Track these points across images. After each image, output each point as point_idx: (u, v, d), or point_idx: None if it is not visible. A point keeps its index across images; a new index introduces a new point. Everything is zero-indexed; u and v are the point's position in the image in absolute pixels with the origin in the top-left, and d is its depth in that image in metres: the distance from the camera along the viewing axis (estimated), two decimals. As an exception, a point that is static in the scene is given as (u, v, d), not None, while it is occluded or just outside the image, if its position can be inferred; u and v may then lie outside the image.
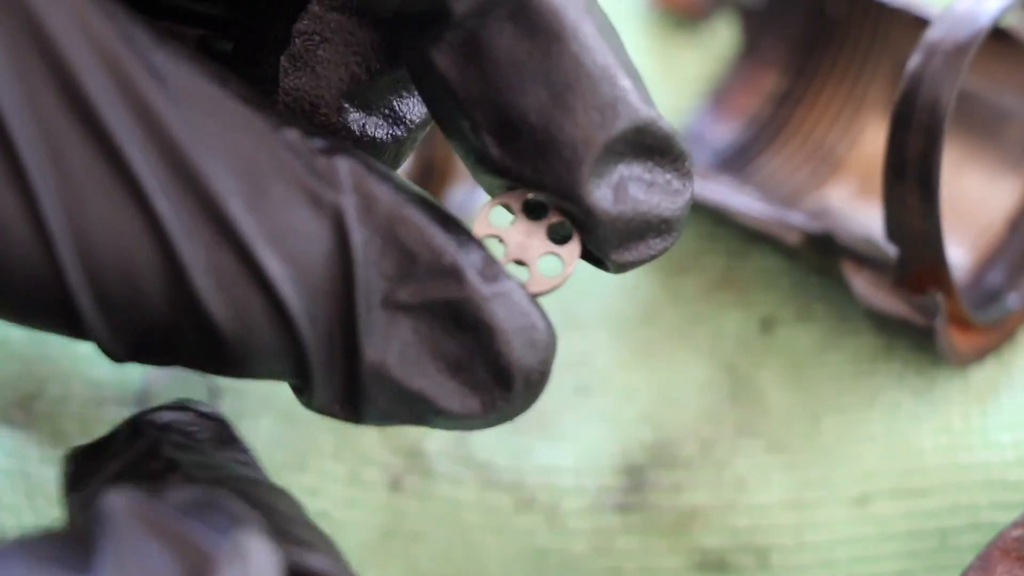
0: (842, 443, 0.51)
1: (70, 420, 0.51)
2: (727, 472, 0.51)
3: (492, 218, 0.33)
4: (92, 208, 0.29)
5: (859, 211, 0.56)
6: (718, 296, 0.55)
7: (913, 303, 0.49)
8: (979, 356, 0.52)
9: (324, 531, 0.33)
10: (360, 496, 0.51)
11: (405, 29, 0.32)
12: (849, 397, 0.52)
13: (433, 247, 0.32)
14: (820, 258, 0.52)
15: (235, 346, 0.31)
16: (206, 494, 0.29)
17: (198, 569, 0.27)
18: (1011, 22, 0.53)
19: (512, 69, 0.32)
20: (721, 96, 0.59)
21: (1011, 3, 0.48)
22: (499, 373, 0.32)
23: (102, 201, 0.29)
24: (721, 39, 0.60)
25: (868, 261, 0.50)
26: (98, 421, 0.51)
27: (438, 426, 0.33)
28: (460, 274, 0.32)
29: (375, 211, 0.31)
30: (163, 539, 0.28)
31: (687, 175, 0.34)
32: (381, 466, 0.51)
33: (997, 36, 0.53)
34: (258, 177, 0.30)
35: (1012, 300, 0.52)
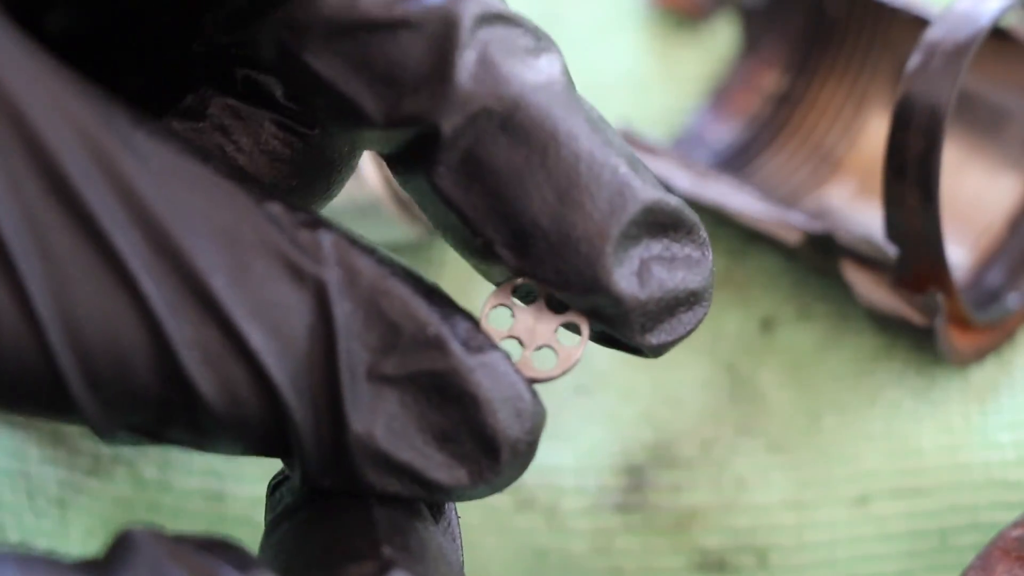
0: (842, 443, 0.51)
1: (70, 420, 0.51)
2: (727, 472, 0.51)
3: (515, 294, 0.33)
4: (79, 290, 0.29)
5: (859, 211, 0.56)
6: (718, 296, 0.55)
7: (913, 303, 0.49)
8: (979, 356, 0.52)
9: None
10: (360, 496, 0.51)
11: (399, 160, 0.33)
12: (849, 397, 0.52)
13: (417, 319, 0.32)
14: (820, 258, 0.52)
15: (224, 421, 0.31)
16: (219, 537, 0.30)
17: None
18: (1011, 22, 0.53)
19: (514, 178, 0.32)
20: (721, 96, 0.59)
21: (1011, 3, 0.48)
22: (486, 444, 0.32)
23: (88, 283, 0.29)
24: (721, 39, 0.60)
25: (868, 261, 0.50)
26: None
27: (430, 499, 0.33)
28: (444, 345, 0.32)
29: (358, 284, 0.31)
30: (185, 567, 0.28)
31: (704, 244, 0.34)
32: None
33: (997, 36, 0.53)
34: (241, 251, 0.31)
35: (1012, 300, 0.52)
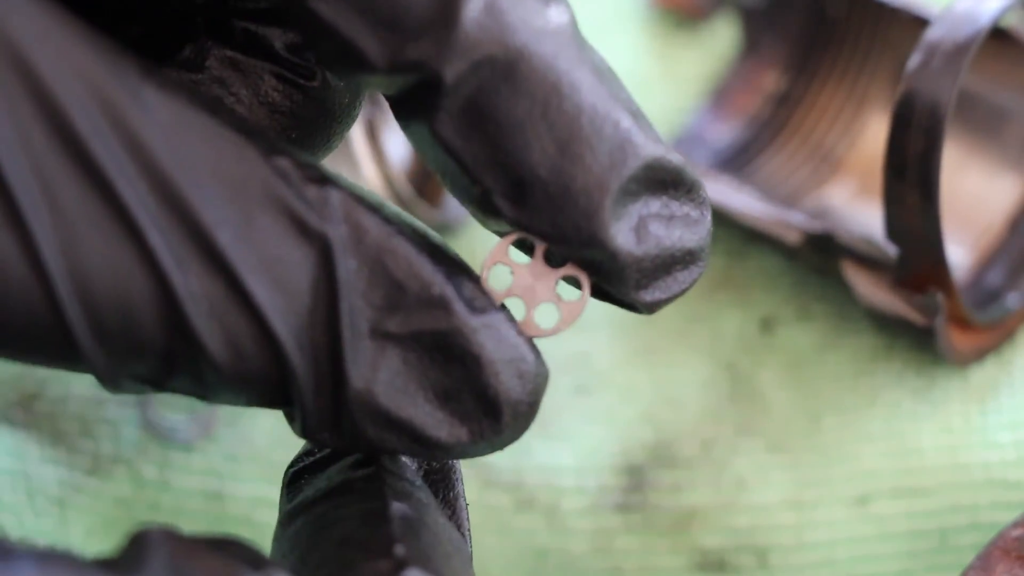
0: (842, 443, 0.51)
1: (70, 420, 0.51)
2: (727, 472, 0.51)
3: (511, 251, 0.33)
4: (86, 242, 0.30)
5: (859, 211, 0.56)
6: (718, 296, 0.55)
7: (913, 303, 0.49)
8: (979, 356, 0.52)
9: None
10: (360, 496, 0.51)
11: (401, 103, 0.33)
12: (849, 397, 0.52)
13: (421, 278, 0.32)
14: (820, 258, 0.52)
15: (227, 372, 0.31)
16: (231, 537, 0.30)
17: None
18: (1011, 22, 0.53)
19: (515, 128, 0.32)
20: (721, 96, 0.59)
21: (1011, 3, 0.48)
22: (487, 404, 0.32)
23: (96, 234, 0.30)
24: (721, 39, 0.60)
25: (868, 261, 0.50)
26: (98, 421, 0.51)
27: (429, 457, 0.33)
28: (448, 305, 0.32)
29: (364, 241, 0.32)
30: (202, 566, 0.28)
31: (703, 203, 0.34)
32: (381, 466, 0.51)
33: (997, 36, 0.53)
34: (247, 205, 0.31)
35: (1012, 300, 0.52)
